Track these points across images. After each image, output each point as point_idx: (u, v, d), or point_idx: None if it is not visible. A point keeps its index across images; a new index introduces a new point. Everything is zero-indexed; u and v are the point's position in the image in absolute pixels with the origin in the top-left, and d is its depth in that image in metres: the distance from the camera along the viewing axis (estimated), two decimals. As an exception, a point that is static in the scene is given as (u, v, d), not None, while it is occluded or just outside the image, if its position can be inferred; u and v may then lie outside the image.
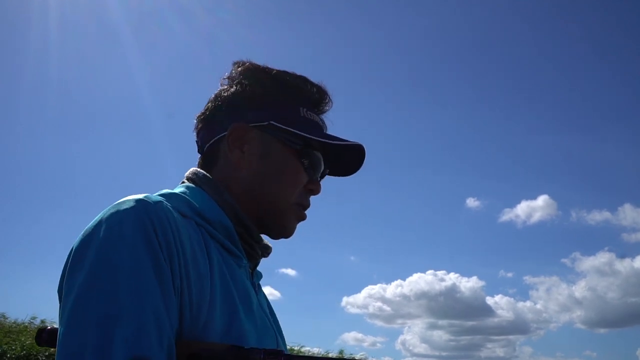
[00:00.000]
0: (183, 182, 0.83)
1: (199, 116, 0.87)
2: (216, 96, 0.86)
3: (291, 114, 0.82)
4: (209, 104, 0.86)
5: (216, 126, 0.83)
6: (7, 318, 12.50)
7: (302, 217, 0.85)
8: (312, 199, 0.87)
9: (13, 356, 10.64)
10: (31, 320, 12.72)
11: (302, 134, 0.81)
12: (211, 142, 0.84)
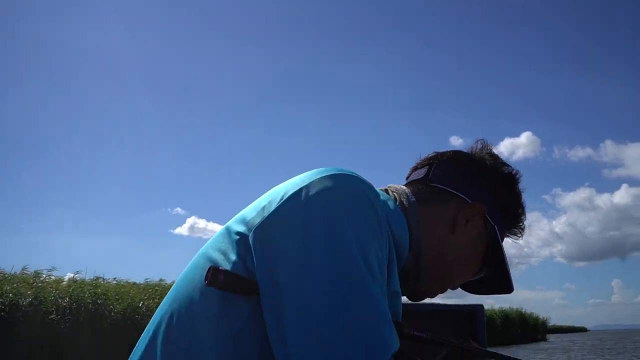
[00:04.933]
0: (385, 190, 0.84)
1: (455, 156, 0.89)
2: (480, 159, 0.90)
3: (503, 231, 0.90)
4: (471, 157, 0.89)
5: (462, 182, 0.87)
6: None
7: (434, 297, 0.91)
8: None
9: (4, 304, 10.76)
10: (23, 271, 12.76)
11: (504, 256, 0.88)
12: (444, 187, 0.86)
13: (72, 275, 13.32)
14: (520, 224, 0.92)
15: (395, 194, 0.83)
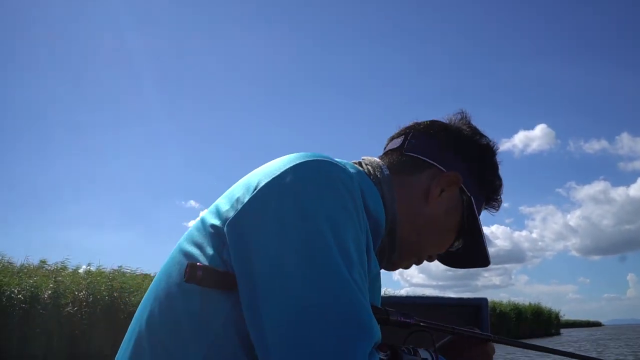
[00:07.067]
0: (358, 164, 0.84)
1: (431, 126, 0.89)
2: (457, 129, 0.89)
3: (480, 203, 0.89)
4: (447, 127, 0.89)
5: (438, 152, 0.86)
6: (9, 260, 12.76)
7: (408, 268, 0.91)
8: None
9: (20, 295, 11.05)
10: (41, 264, 13.05)
11: (479, 227, 0.87)
12: (419, 156, 0.85)
13: (86, 266, 13.50)
14: (498, 196, 0.92)
15: (369, 167, 0.82)
